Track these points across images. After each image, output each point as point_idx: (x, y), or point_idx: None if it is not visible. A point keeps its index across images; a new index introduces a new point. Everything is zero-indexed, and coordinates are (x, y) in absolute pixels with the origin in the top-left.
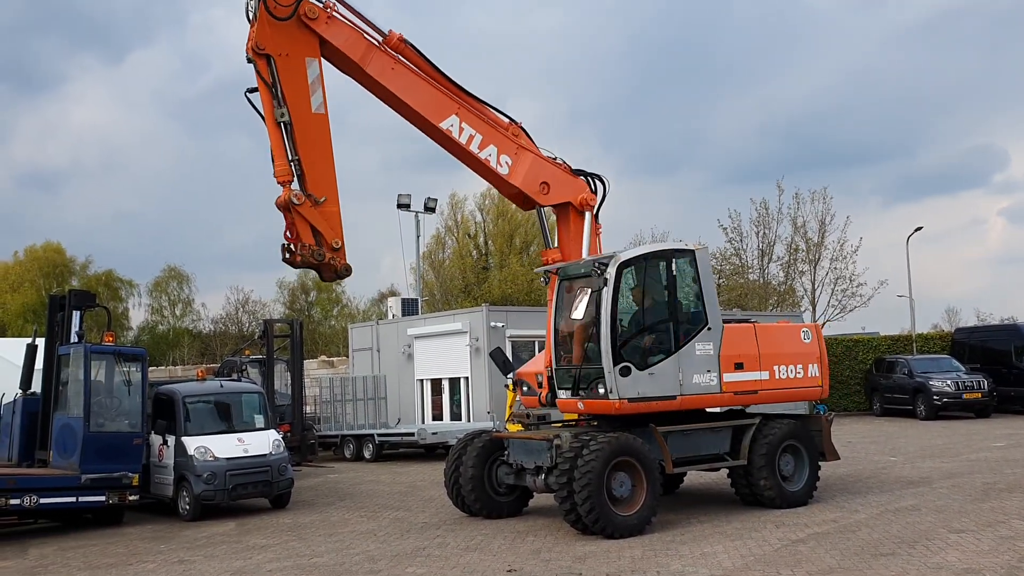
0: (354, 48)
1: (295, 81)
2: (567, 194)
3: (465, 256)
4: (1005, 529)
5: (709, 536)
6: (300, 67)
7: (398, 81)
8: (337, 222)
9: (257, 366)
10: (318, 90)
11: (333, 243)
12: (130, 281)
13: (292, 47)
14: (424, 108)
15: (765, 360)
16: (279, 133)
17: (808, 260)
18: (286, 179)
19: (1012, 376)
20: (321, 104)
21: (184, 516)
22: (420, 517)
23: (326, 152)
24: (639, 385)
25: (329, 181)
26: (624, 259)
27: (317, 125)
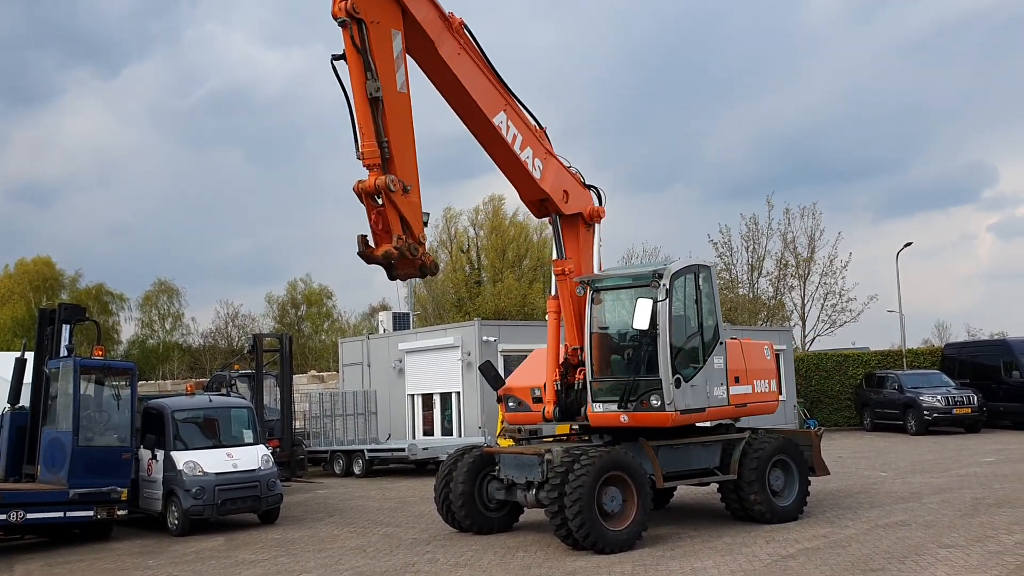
0: (433, 25)
1: (384, 53)
2: (581, 204)
3: (458, 270)
4: (994, 544)
5: (699, 551)
6: (388, 38)
7: (464, 68)
8: (418, 211)
9: (246, 381)
10: (402, 66)
11: (421, 236)
12: (120, 295)
13: (383, 15)
14: (482, 99)
15: (750, 375)
16: (368, 109)
17: (798, 275)
18: (375, 161)
19: (1002, 391)
20: (404, 83)
21: (173, 531)
22: (410, 533)
23: (411, 136)
24: (687, 397)
25: (414, 168)
26: (675, 270)
27: (403, 104)
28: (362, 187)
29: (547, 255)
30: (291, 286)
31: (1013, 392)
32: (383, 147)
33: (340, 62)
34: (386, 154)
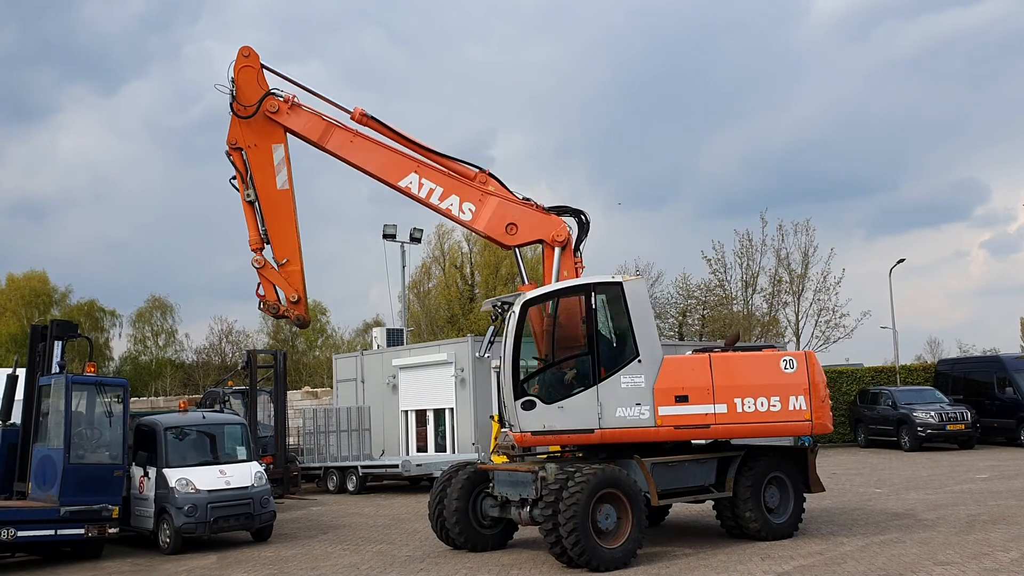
0: (313, 131)
1: (263, 165)
2: (537, 232)
3: (451, 286)
4: (989, 561)
5: (695, 569)
6: (267, 153)
7: (356, 152)
8: (297, 279)
9: (240, 397)
10: (283, 170)
11: (291, 297)
12: (113, 311)
13: (260, 138)
14: (382, 171)
15: (721, 392)
16: (251, 209)
17: (792, 291)
18: (256, 247)
19: (995, 408)
20: (286, 181)
21: (164, 549)
22: (404, 550)
23: (288, 222)
24: (545, 419)
25: (291, 245)
26: (530, 297)
27: (282, 200)
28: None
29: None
30: None
31: (1006, 408)
32: (263, 234)
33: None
34: (266, 239)
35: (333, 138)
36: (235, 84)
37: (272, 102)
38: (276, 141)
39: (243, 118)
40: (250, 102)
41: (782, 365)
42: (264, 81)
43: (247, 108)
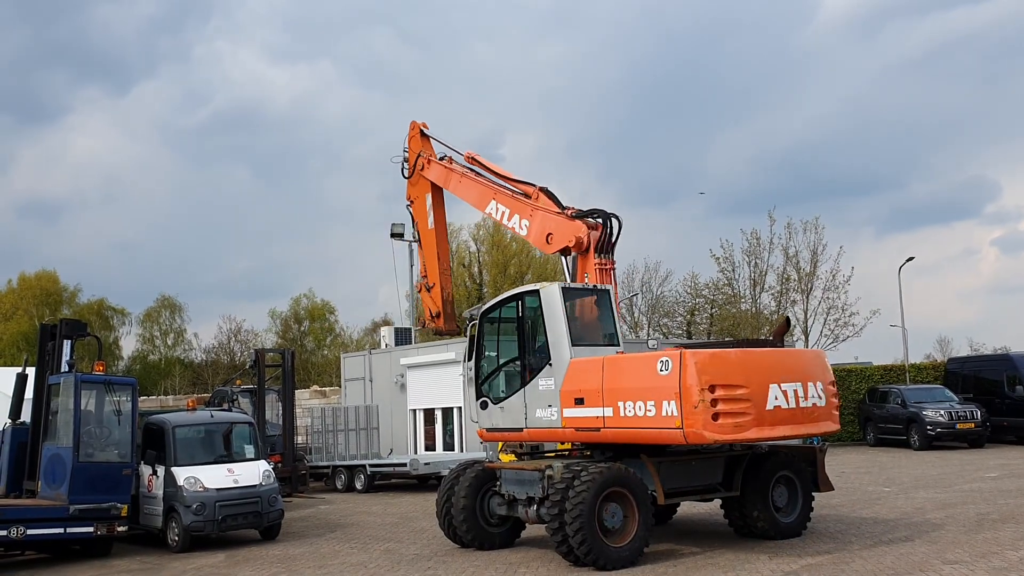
0: (440, 178)
1: (422, 212)
2: (564, 239)
3: (459, 285)
4: (999, 560)
5: (702, 567)
6: (423, 202)
7: (460, 190)
8: (438, 299)
9: (248, 396)
10: (429, 215)
11: (433, 312)
12: (122, 310)
13: (418, 192)
14: (475, 202)
15: (609, 395)
16: (420, 247)
17: (800, 290)
18: (422, 275)
19: (1005, 406)
20: (433, 221)
21: (173, 548)
22: (411, 549)
23: (432, 256)
24: (493, 418)
25: (434, 273)
26: (485, 307)
27: (430, 238)
28: None
29: (549, 271)
30: (294, 301)
31: (1017, 407)
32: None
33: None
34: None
35: (450, 182)
36: (407, 152)
37: (421, 162)
38: (425, 192)
39: (407, 178)
40: (410, 169)
41: (658, 367)
42: (429, 146)
43: (408, 172)
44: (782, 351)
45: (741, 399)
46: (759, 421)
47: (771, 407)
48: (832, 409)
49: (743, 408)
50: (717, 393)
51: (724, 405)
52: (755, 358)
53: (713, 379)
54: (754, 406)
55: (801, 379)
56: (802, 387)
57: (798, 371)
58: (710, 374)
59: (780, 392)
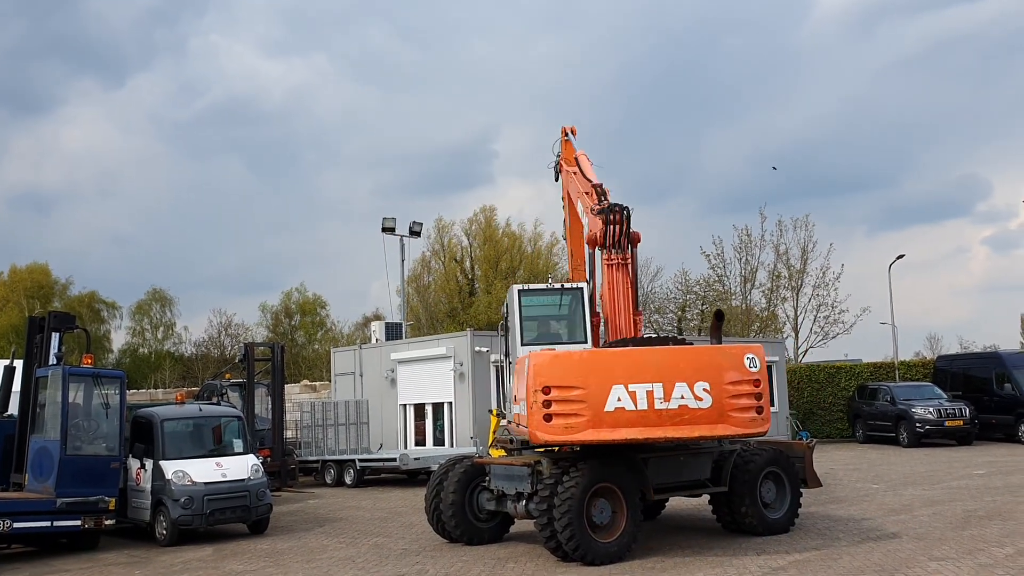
0: (565, 180)
1: (569, 210)
2: (589, 236)
3: (450, 280)
4: (985, 557)
5: (690, 563)
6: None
7: (569, 187)
8: None
9: (238, 390)
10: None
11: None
12: (113, 303)
13: (564, 193)
14: (574, 201)
15: (518, 394)
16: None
17: (790, 287)
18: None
19: (993, 404)
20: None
21: (161, 541)
22: (400, 544)
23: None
24: (511, 410)
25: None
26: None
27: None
28: None
29: (540, 266)
30: (285, 296)
31: (1005, 405)
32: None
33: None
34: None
35: (568, 182)
36: (558, 156)
37: (560, 164)
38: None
39: (556, 181)
40: (560, 169)
41: (523, 368)
42: (571, 149)
43: (558, 170)
44: (638, 351)
45: (574, 400)
46: (595, 423)
47: (611, 408)
48: (732, 411)
49: (576, 410)
50: (551, 395)
51: (556, 407)
52: (599, 359)
53: (548, 381)
54: (589, 407)
55: (662, 379)
56: (663, 388)
57: (658, 371)
58: (545, 376)
59: (626, 393)
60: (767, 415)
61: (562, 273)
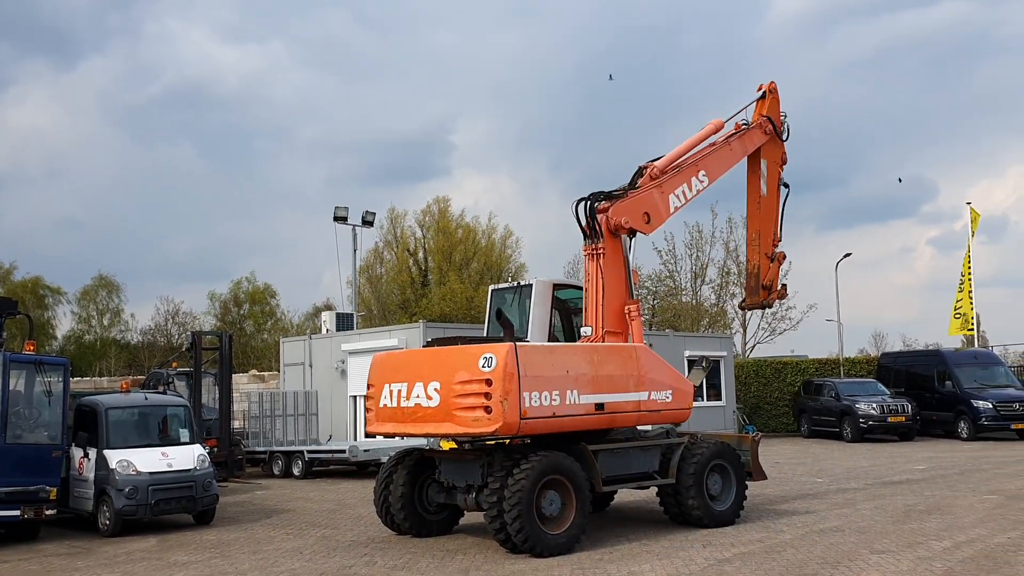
0: None
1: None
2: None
3: (403, 271)
4: (924, 550)
5: (637, 555)
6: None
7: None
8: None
9: (184, 379)
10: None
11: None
12: (58, 288)
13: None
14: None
15: None
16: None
17: (740, 283)
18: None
19: (935, 401)
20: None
21: (104, 532)
22: (348, 535)
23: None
24: None
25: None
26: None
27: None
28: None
29: (494, 259)
30: (235, 284)
31: (945, 402)
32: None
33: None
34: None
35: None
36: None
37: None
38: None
39: (784, 140)
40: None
41: None
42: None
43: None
44: (408, 352)
45: (370, 397)
46: (378, 417)
47: (383, 405)
48: (457, 410)
49: (370, 405)
50: (369, 391)
51: (368, 401)
52: (388, 359)
53: (370, 378)
54: (375, 403)
55: (408, 379)
56: (407, 387)
57: (408, 371)
58: (371, 373)
59: (389, 392)
60: (497, 414)
61: (516, 266)
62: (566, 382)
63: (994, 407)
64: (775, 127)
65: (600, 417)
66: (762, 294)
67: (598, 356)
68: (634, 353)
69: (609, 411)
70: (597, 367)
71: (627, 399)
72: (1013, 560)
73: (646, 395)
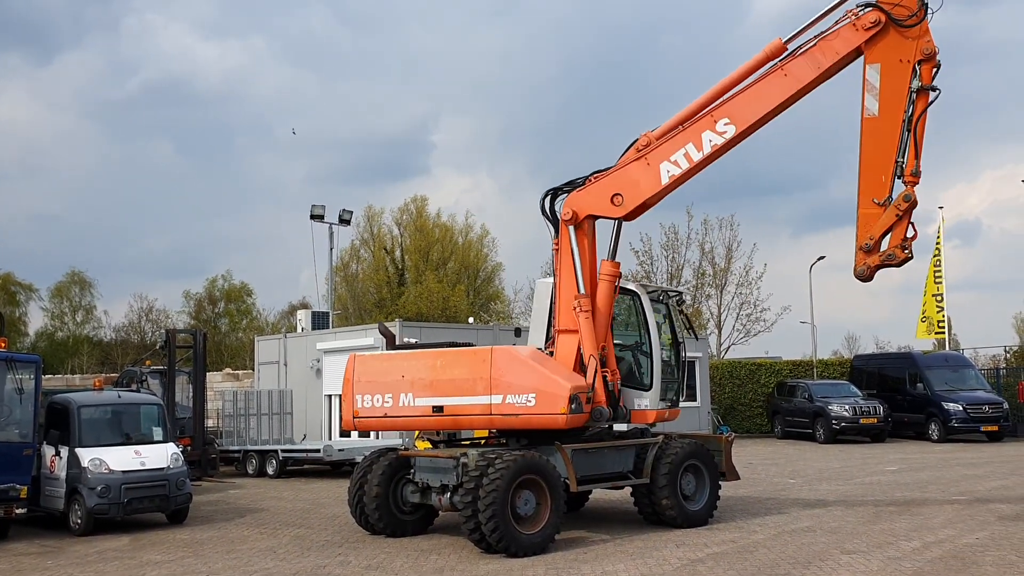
0: None
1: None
2: None
3: (380, 270)
4: (893, 550)
5: (611, 555)
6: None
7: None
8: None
9: (158, 377)
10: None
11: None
12: (29, 285)
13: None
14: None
15: None
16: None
17: (715, 285)
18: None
19: (906, 403)
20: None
21: (75, 530)
22: (322, 535)
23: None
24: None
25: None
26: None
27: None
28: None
29: (471, 258)
30: (210, 282)
31: (917, 404)
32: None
33: None
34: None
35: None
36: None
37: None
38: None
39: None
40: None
41: None
42: None
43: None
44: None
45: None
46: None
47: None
48: None
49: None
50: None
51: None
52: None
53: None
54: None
55: None
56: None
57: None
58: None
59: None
60: (345, 412)
61: (493, 266)
62: (400, 386)
63: (964, 409)
64: (888, 14)
65: (440, 419)
66: (859, 257)
67: (441, 360)
68: (488, 356)
69: (449, 413)
70: (438, 371)
71: (474, 402)
72: (980, 560)
73: (500, 398)
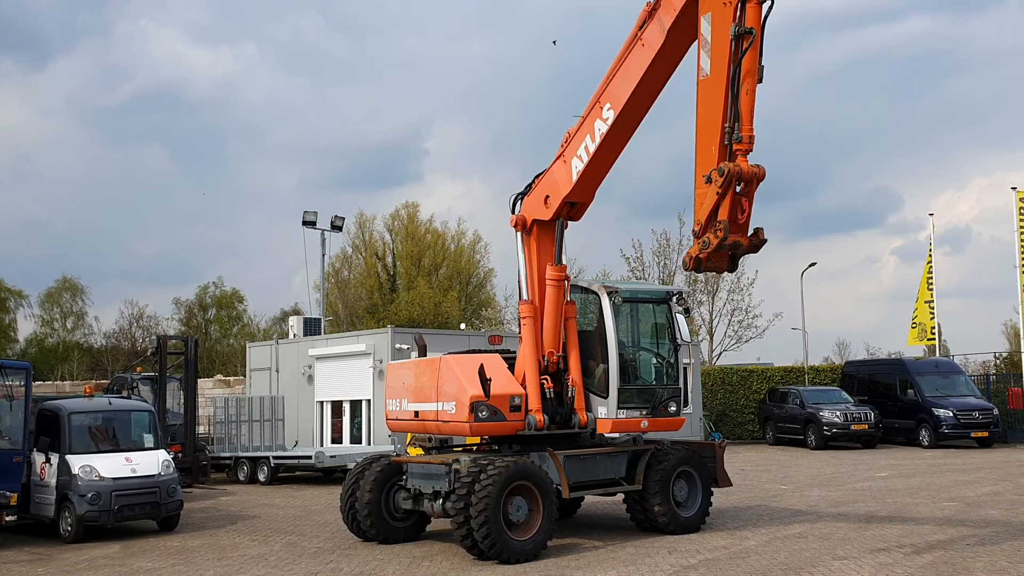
0: None
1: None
2: None
3: (371, 276)
4: (885, 556)
5: (604, 561)
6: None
7: None
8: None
9: (149, 383)
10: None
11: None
12: (19, 291)
13: None
14: None
15: None
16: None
17: (706, 291)
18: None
19: (897, 409)
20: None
21: (66, 538)
22: (314, 542)
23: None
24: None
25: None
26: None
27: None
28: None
29: (463, 264)
30: (201, 289)
31: (907, 410)
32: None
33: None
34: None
35: None
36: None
37: None
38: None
39: None
40: None
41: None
42: None
43: None
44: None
45: None
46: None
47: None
48: None
49: None
50: None
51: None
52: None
53: None
54: None
55: None
56: None
57: None
58: None
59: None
60: None
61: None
62: (402, 392)
63: (955, 415)
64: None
65: (419, 423)
66: (696, 245)
67: (418, 369)
68: (438, 364)
69: (422, 419)
70: (417, 379)
71: (430, 408)
72: (971, 566)
73: (440, 405)
